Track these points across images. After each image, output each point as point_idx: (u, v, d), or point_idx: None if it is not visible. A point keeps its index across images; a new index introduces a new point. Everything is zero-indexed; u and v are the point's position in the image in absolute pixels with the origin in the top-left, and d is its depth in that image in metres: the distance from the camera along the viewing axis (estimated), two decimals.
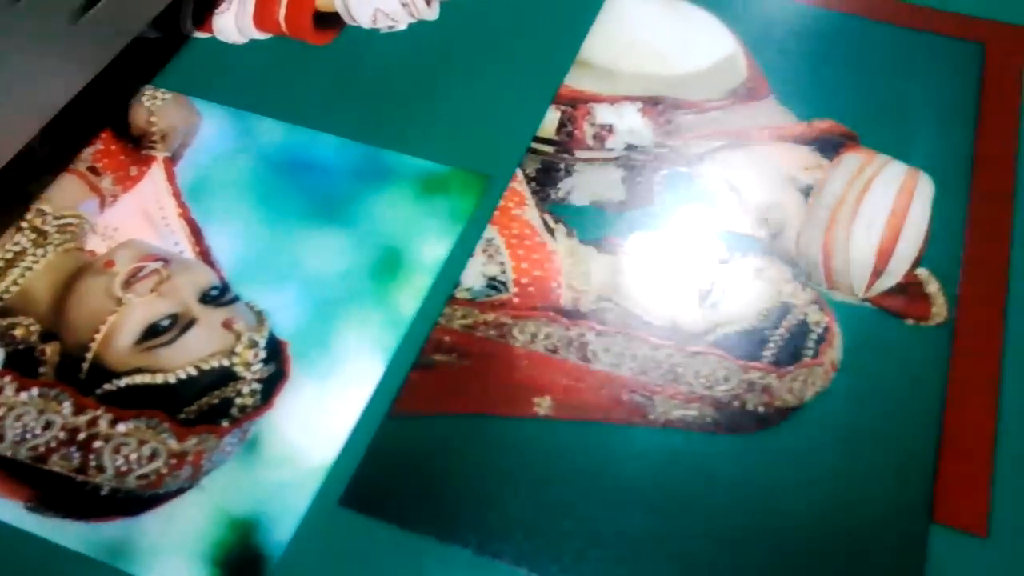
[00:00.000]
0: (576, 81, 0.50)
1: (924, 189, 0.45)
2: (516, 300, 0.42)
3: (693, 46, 0.52)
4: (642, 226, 0.44)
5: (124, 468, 0.36)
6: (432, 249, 0.44)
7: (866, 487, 0.36)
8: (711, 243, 0.44)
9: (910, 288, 0.42)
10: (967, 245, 0.43)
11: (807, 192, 0.45)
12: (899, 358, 0.39)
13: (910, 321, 0.41)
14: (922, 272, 0.42)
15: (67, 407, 0.38)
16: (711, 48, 0.52)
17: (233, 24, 0.54)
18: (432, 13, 0.54)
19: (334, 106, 0.50)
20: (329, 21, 0.54)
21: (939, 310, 0.41)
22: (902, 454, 0.37)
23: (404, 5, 0.55)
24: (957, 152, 0.46)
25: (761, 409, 0.38)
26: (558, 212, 0.45)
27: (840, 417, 0.38)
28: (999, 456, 0.37)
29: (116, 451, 0.37)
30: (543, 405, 0.39)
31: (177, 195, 0.46)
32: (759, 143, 0.47)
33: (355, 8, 0.54)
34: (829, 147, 0.47)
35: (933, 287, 0.41)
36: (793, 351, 0.40)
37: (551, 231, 0.44)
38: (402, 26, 0.54)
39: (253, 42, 0.53)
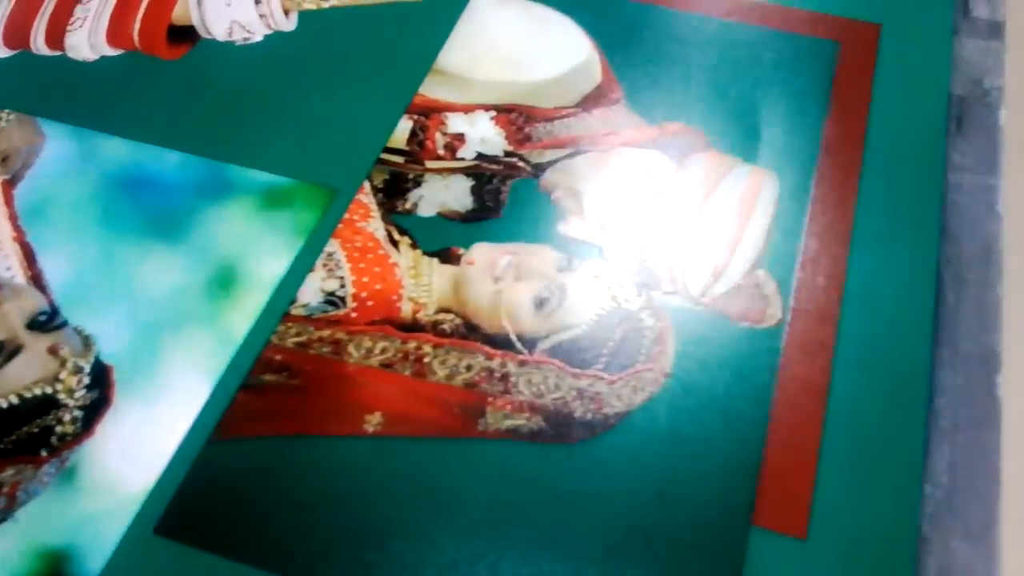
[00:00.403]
0: (431, 90, 0.50)
1: (768, 191, 0.45)
2: (354, 315, 0.41)
3: (550, 52, 0.52)
4: (487, 235, 0.44)
5: None
6: (270, 265, 0.43)
7: (689, 491, 0.36)
8: (553, 251, 0.43)
9: (747, 290, 0.42)
10: (805, 247, 0.43)
11: (651, 197, 0.45)
12: (731, 362, 0.40)
13: (744, 324, 0.41)
14: (760, 274, 0.42)
15: None
16: (568, 53, 0.52)
17: (86, 41, 0.53)
18: (290, 24, 0.54)
19: (182, 122, 0.49)
20: (184, 35, 0.53)
21: (773, 312, 0.41)
22: (728, 457, 0.37)
23: (262, 16, 0.54)
24: (804, 152, 0.47)
25: (589, 416, 0.38)
26: (404, 224, 0.45)
27: (667, 422, 0.38)
28: (823, 459, 0.37)
29: None
30: (372, 422, 0.38)
31: (13, 218, 0.45)
32: (608, 149, 0.47)
33: (211, 21, 0.54)
34: (676, 150, 0.47)
35: (770, 289, 0.42)
36: (626, 357, 0.40)
37: (395, 243, 0.44)
38: (258, 38, 0.53)
39: (105, 59, 0.52)
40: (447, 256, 0.43)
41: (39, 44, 0.53)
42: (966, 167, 0.45)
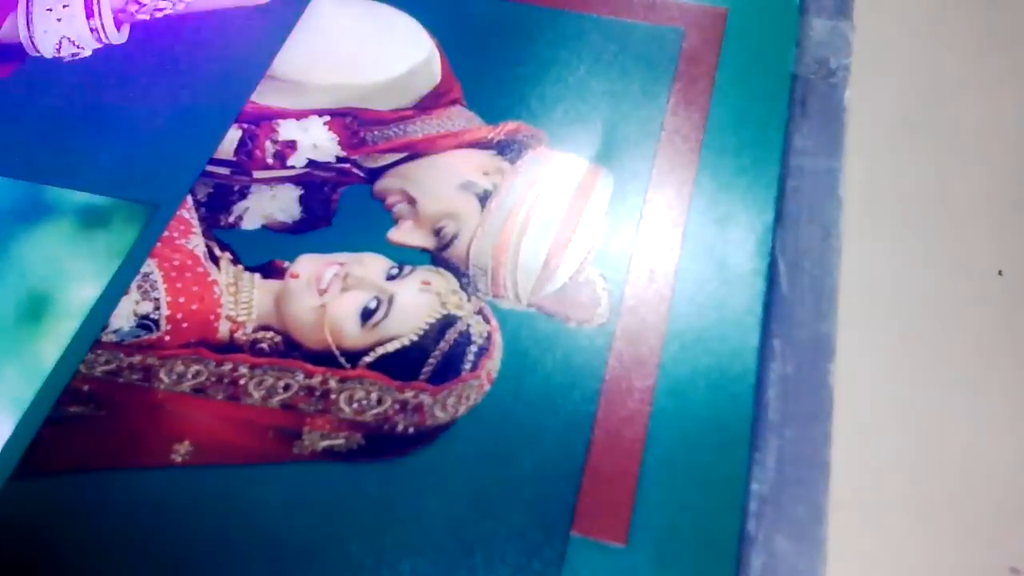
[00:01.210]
0: (264, 97, 0.48)
1: (603, 188, 0.44)
2: (167, 338, 0.39)
3: (389, 52, 0.50)
4: (315, 246, 0.42)
5: None
6: (83, 290, 0.41)
7: (509, 502, 0.35)
8: (382, 259, 0.42)
9: (578, 289, 0.40)
10: (639, 243, 0.42)
11: (485, 198, 0.43)
12: (559, 364, 0.38)
13: (573, 324, 0.39)
14: (591, 271, 0.41)
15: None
16: (407, 53, 0.50)
17: None
18: (121, 37, 0.52)
19: (1, 143, 0.46)
20: (9, 54, 0.51)
21: (603, 311, 0.40)
22: (550, 464, 0.36)
23: (92, 30, 0.52)
24: (643, 146, 0.45)
25: (412, 430, 0.37)
26: (226, 239, 0.43)
27: (492, 430, 0.36)
28: (646, 462, 0.35)
29: None
30: (181, 451, 0.36)
31: None
32: (442, 151, 0.45)
33: (39, 38, 0.51)
34: (514, 150, 0.45)
35: (600, 286, 0.40)
36: (452, 366, 0.38)
37: (216, 260, 0.42)
38: (87, 53, 0.51)
39: None
40: (270, 270, 0.41)
41: None
42: (807, 151, 0.44)
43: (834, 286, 0.40)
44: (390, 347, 0.39)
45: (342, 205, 0.44)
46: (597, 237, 0.42)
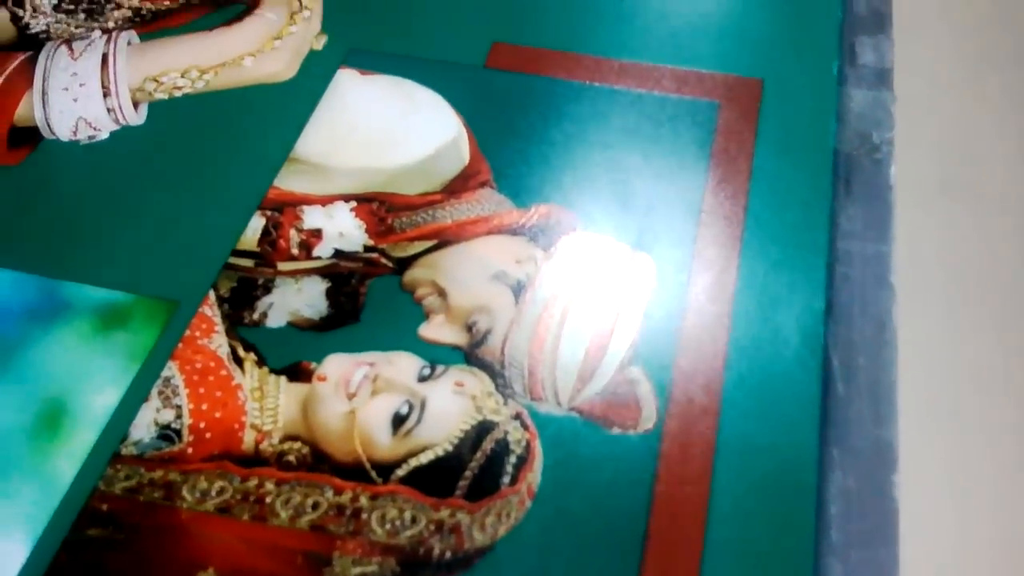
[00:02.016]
0: (287, 182, 0.47)
1: (642, 275, 0.42)
2: (190, 451, 0.37)
3: (416, 132, 0.49)
4: (343, 345, 0.41)
5: None
6: (101, 397, 0.39)
7: None
8: (414, 358, 0.40)
9: (620, 391, 0.38)
10: (682, 337, 0.40)
11: (519, 289, 0.42)
12: (604, 475, 0.36)
13: (616, 430, 0.37)
14: (634, 371, 0.39)
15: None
16: (434, 132, 0.48)
17: None
18: (139, 118, 0.50)
19: (16, 234, 0.45)
20: (25, 137, 0.50)
21: (649, 414, 0.37)
22: None
23: (110, 111, 0.50)
24: (682, 229, 0.44)
25: (449, 555, 0.34)
26: (251, 338, 0.41)
27: (535, 554, 0.34)
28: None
29: None
30: None
31: None
32: (473, 238, 0.44)
33: (56, 120, 0.50)
34: (547, 235, 0.43)
35: (644, 388, 0.38)
36: (490, 479, 0.36)
37: (240, 361, 0.40)
38: (105, 135, 0.49)
39: None
40: (297, 373, 0.40)
41: None
42: (855, 234, 0.42)
43: (892, 385, 0.38)
44: (423, 458, 0.37)
45: (370, 298, 0.42)
46: (638, 330, 0.40)
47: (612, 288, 0.41)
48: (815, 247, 0.42)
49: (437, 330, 0.41)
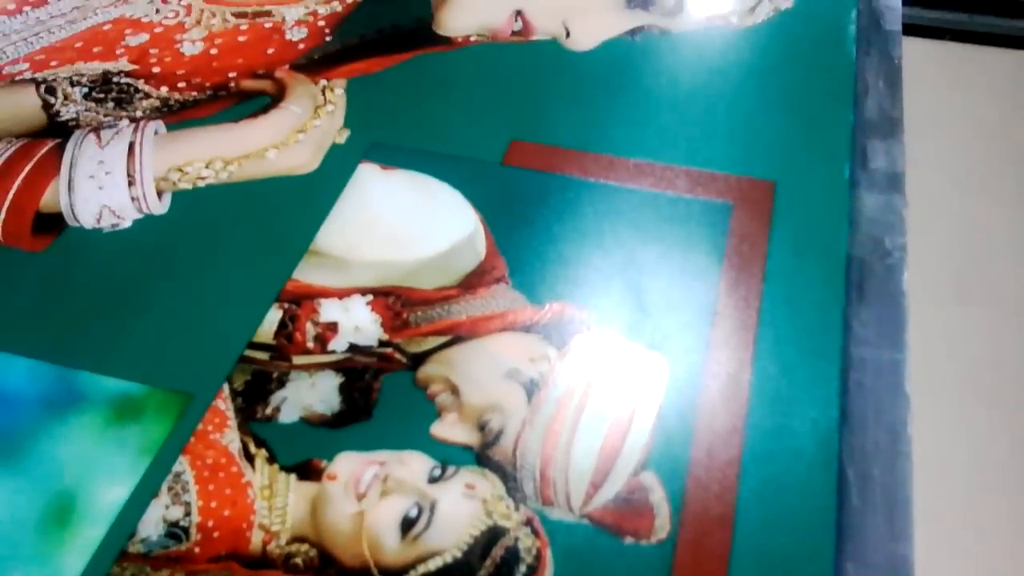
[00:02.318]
0: (306, 274, 0.47)
1: (655, 378, 0.42)
2: (196, 550, 0.37)
3: (434, 226, 0.49)
4: (355, 442, 0.40)
5: None
6: (112, 491, 0.39)
7: None
8: (425, 458, 0.40)
9: (632, 498, 0.38)
10: (696, 442, 0.39)
11: (532, 388, 0.42)
12: None
13: (629, 539, 0.37)
14: (647, 476, 0.38)
15: None
16: (452, 227, 0.49)
17: None
18: (163, 207, 0.51)
19: (35, 321, 0.46)
20: (50, 223, 0.51)
21: (662, 523, 0.37)
22: None
23: (134, 200, 0.51)
24: (695, 330, 0.44)
25: None
26: (263, 433, 0.41)
27: None
28: None
29: None
30: None
31: None
32: (486, 334, 0.44)
33: (80, 207, 0.51)
34: (560, 333, 0.44)
35: (657, 495, 0.38)
36: None
37: (251, 458, 0.40)
38: (127, 223, 0.50)
39: None
40: (307, 471, 0.39)
41: None
42: (869, 341, 0.42)
43: (908, 499, 0.37)
44: (432, 565, 0.36)
45: (383, 394, 0.42)
46: (652, 434, 0.40)
47: (626, 389, 0.41)
48: (829, 353, 0.42)
49: (449, 429, 0.41)
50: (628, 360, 0.43)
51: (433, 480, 0.39)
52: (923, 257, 0.45)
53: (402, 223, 0.50)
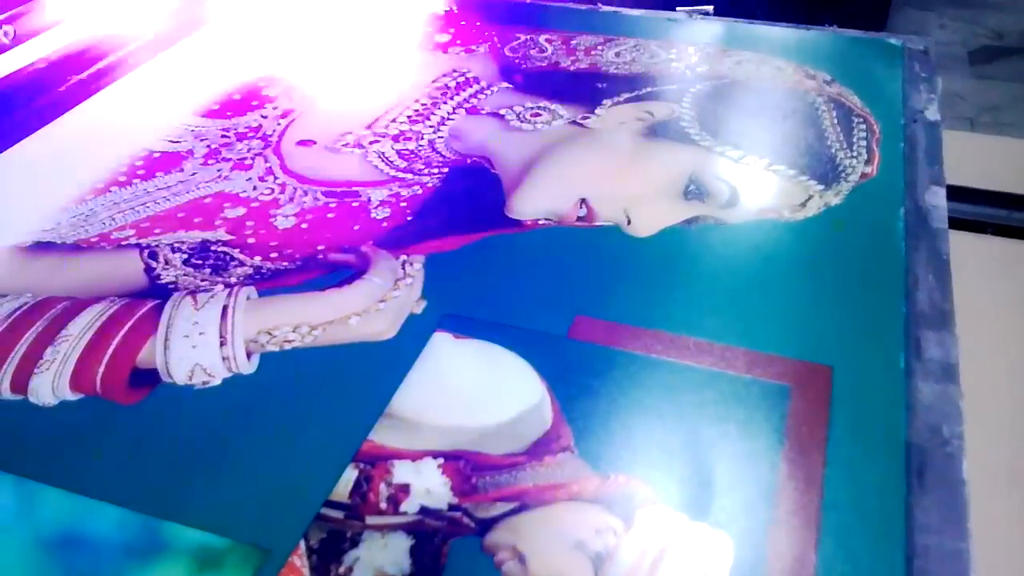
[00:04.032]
0: (381, 436, 0.50)
1: (722, 557, 0.43)
2: None
3: (502, 394, 0.52)
4: None
5: None
6: None
7: None
8: None
9: None
10: None
11: (598, 561, 0.43)
12: None
13: None
14: None
15: None
16: (519, 396, 0.52)
17: (49, 384, 0.54)
18: (251, 367, 0.55)
19: (126, 473, 0.48)
20: (145, 379, 0.54)
21: None
22: None
23: (224, 359, 0.55)
24: (758, 510, 0.45)
25: None
26: None
27: None
28: None
29: None
30: None
31: None
32: (552, 503, 0.45)
33: (174, 364, 0.55)
34: (625, 506, 0.45)
35: None
36: None
37: None
38: (216, 381, 0.54)
39: (63, 403, 0.53)
40: None
41: (4, 387, 0.54)
42: (931, 528, 0.43)
43: None
44: None
45: (451, 559, 0.43)
46: None
47: (691, 567, 0.42)
48: (892, 539, 0.43)
49: None
50: (693, 537, 0.43)
51: None
52: (979, 445, 0.46)
53: (472, 390, 0.53)
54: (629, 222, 0.66)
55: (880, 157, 0.71)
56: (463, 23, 0.98)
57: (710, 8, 1.00)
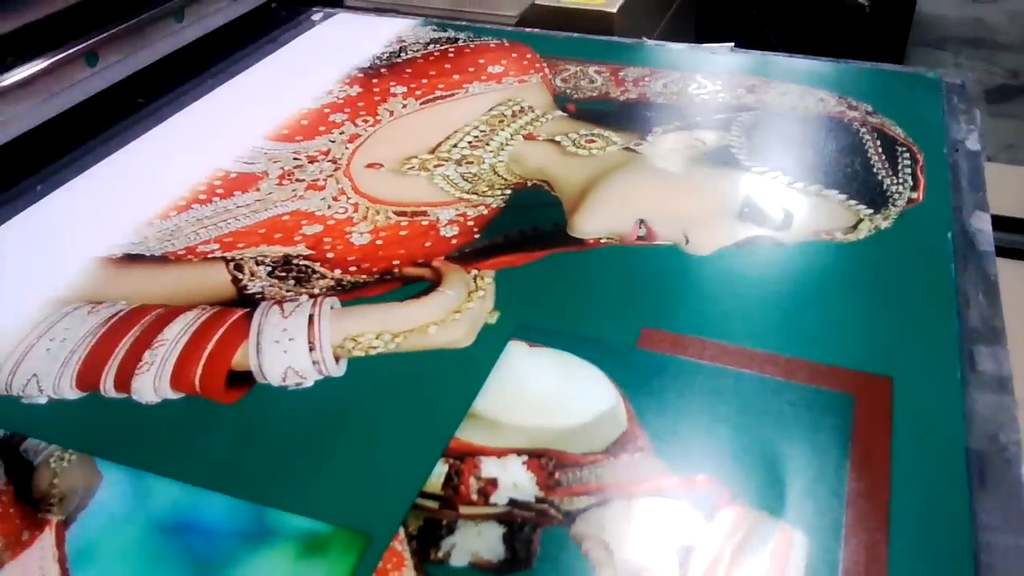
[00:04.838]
0: (466, 434, 0.53)
1: (797, 549, 0.45)
2: None
3: (576, 399, 0.55)
4: None
5: None
6: None
7: None
8: None
9: None
10: None
11: (682, 551, 0.45)
12: None
13: None
14: None
15: None
16: (594, 400, 0.55)
17: (151, 384, 0.57)
18: (339, 370, 0.58)
19: (231, 465, 0.52)
20: (241, 380, 0.58)
21: None
22: None
23: (315, 363, 0.59)
24: (830, 507, 0.48)
25: None
26: (436, 574, 0.45)
27: None
28: None
29: None
30: None
31: (62, 561, 0.47)
32: (635, 498, 0.48)
33: (268, 367, 0.58)
34: (704, 503, 0.48)
35: None
36: None
37: None
38: (309, 383, 0.57)
39: (166, 402, 0.56)
40: None
41: (108, 387, 0.58)
42: (994, 526, 0.46)
43: None
44: None
45: (542, 546, 0.46)
46: None
47: (770, 563, 0.45)
48: (958, 534, 0.45)
49: None
50: (770, 532, 0.46)
51: None
52: None
53: (549, 394, 0.56)
54: (688, 241, 0.69)
55: (925, 184, 0.74)
56: (514, 55, 1.03)
57: (731, 45, 1.05)
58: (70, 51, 0.84)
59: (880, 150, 0.79)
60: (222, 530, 0.48)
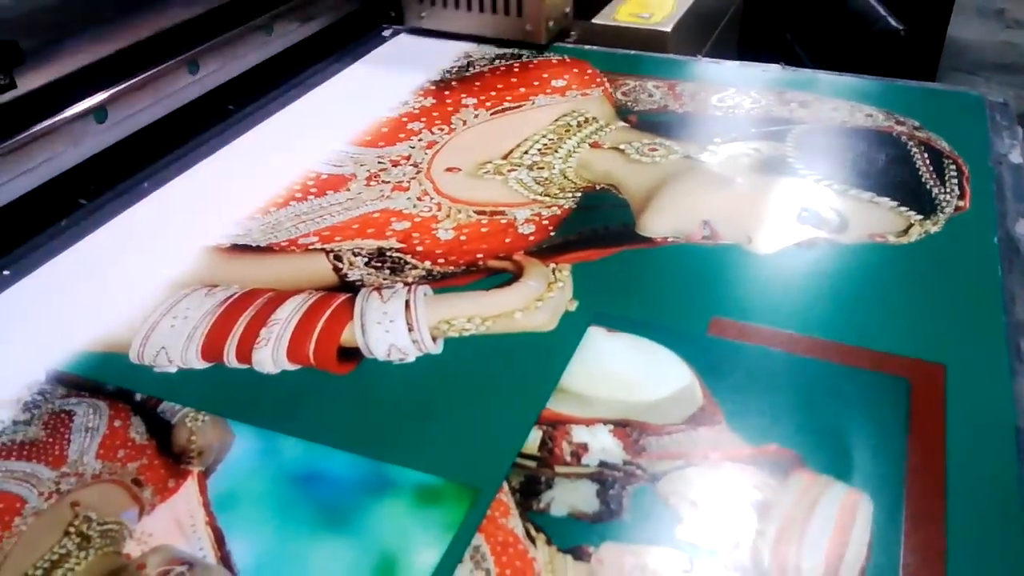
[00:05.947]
0: (556, 405, 0.59)
1: (864, 509, 0.51)
2: None
3: (656, 377, 0.61)
4: (613, 536, 0.50)
5: None
6: (425, 556, 0.49)
7: None
8: (675, 552, 0.49)
9: None
10: (905, 564, 0.48)
11: (759, 508, 0.51)
12: None
13: None
14: None
15: None
16: (671, 379, 0.61)
17: (269, 357, 0.64)
18: (437, 348, 0.65)
19: (349, 426, 0.58)
20: (351, 355, 0.64)
21: None
22: None
23: (414, 342, 0.65)
24: (892, 476, 0.53)
25: None
26: (539, 522, 0.51)
27: None
28: None
29: None
30: None
31: (207, 505, 0.53)
32: (714, 463, 0.54)
33: (373, 344, 0.65)
34: (777, 468, 0.53)
35: None
36: None
37: (532, 540, 0.50)
38: (411, 359, 0.64)
39: (285, 372, 0.63)
40: (579, 554, 0.49)
41: (231, 358, 0.64)
42: None
43: None
44: None
45: (633, 502, 0.52)
46: (866, 558, 0.48)
47: (840, 522, 0.50)
48: (1011, 507, 0.51)
49: (691, 534, 0.50)
50: (838, 494, 0.52)
51: (685, 572, 0.48)
52: None
53: (629, 372, 0.62)
54: (750, 241, 0.75)
55: (971, 193, 0.79)
56: (575, 70, 1.09)
57: (781, 65, 1.10)
58: (175, 59, 0.91)
59: (928, 162, 0.84)
60: (346, 481, 0.54)
